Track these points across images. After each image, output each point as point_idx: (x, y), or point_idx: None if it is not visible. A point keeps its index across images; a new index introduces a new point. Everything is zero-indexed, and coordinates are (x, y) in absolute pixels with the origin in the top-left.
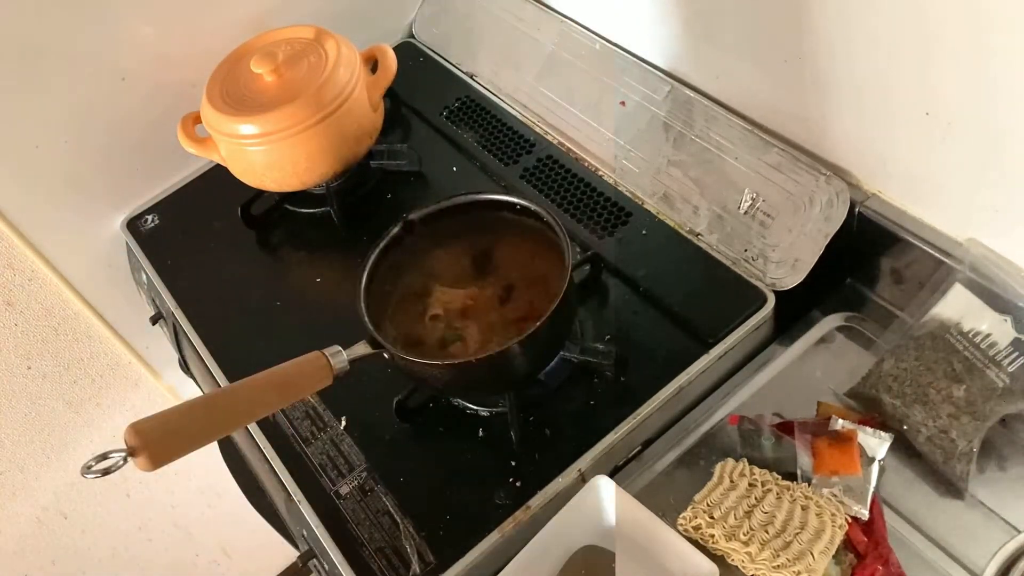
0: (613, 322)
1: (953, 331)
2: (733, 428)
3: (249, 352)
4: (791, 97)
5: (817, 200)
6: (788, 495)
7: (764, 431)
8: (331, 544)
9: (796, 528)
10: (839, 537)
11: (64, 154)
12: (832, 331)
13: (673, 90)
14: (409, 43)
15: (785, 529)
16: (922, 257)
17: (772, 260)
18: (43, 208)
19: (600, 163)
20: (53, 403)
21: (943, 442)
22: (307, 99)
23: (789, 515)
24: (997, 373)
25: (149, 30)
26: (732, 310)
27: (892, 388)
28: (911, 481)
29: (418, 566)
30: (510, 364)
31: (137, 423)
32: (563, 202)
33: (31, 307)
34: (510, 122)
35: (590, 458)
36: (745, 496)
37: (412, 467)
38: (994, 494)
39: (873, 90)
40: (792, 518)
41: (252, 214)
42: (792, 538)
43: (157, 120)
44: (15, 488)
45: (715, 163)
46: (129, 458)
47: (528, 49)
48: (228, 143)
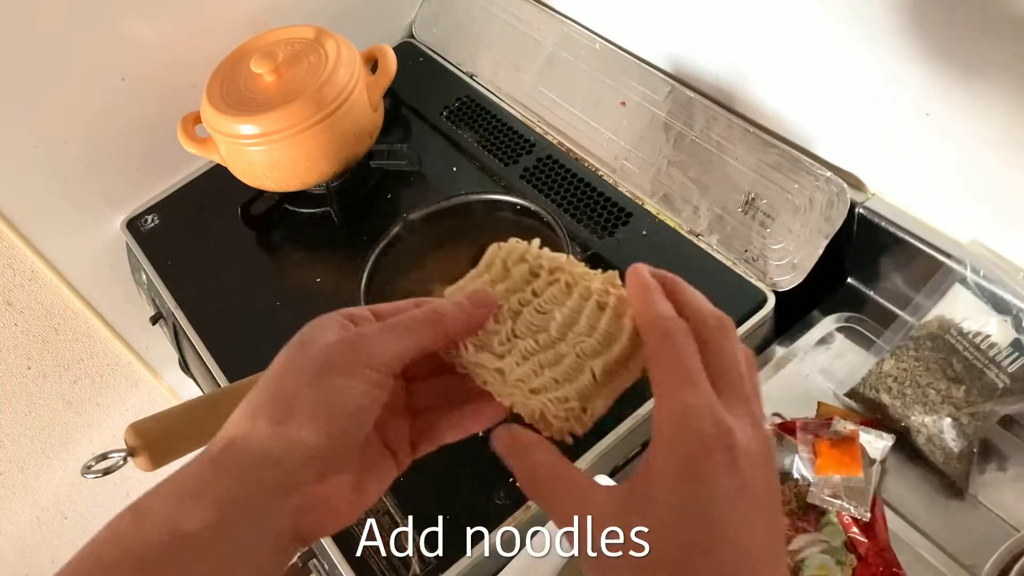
0: None
1: (953, 331)
2: None
3: (249, 352)
4: (791, 97)
5: (817, 200)
6: (582, 287)
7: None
8: (331, 544)
9: (581, 333)
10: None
11: (64, 154)
12: (832, 331)
13: (673, 90)
14: (409, 43)
15: (564, 336)
16: (922, 257)
17: (772, 260)
18: (43, 208)
19: (600, 163)
20: (53, 403)
21: (943, 442)
22: (307, 99)
23: (574, 315)
24: (997, 373)
25: (149, 30)
26: (732, 310)
27: (892, 388)
28: (911, 481)
29: (418, 566)
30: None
31: (137, 423)
32: (563, 202)
33: (31, 307)
34: (510, 122)
35: (590, 458)
36: (518, 289)
37: (412, 467)
38: (994, 494)
39: (873, 90)
40: (578, 319)
41: (252, 214)
42: (570, 348)
43: (157, 120)
44: (15, 488)
45: (715, 163)
46: (129, 458)
47: (528, 49)
48: (228, 143)
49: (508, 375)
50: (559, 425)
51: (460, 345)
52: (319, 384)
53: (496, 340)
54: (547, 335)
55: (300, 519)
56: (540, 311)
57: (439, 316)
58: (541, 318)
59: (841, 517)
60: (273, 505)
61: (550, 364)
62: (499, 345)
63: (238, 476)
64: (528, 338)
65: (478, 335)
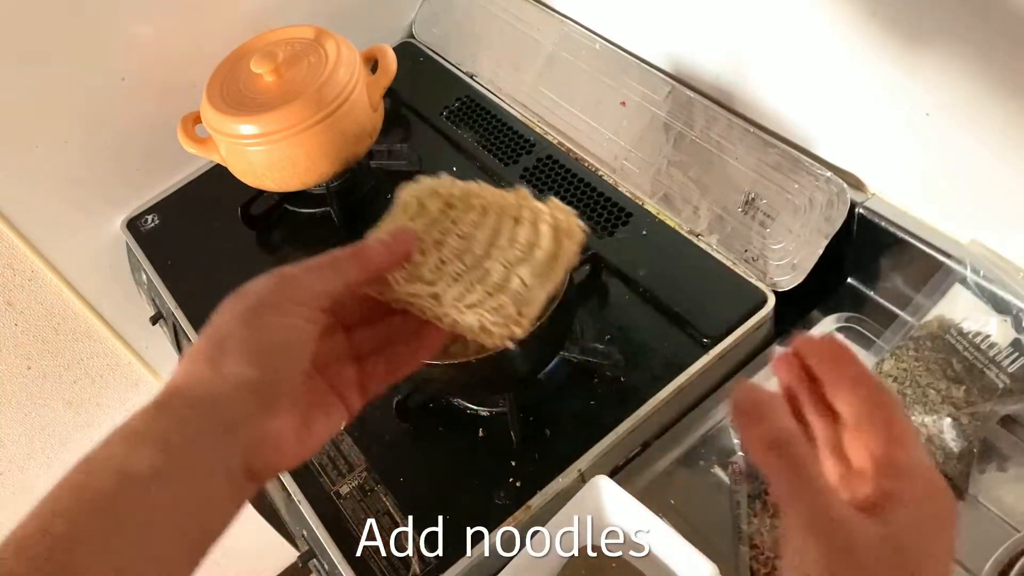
0: (613, 322)
1: (953, 331)
2: (735, 427)
3: None
4: (791, 97)
5: (817, 200)
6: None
7: None
8: (331, 544)
9: (503, 247)
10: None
11: (64, 154)
12: (832, 331)
13: (673, 90)
14: (409, 43)
15: (489, 254)
16: (922, 257)
17: (772, 260)
18: (43, 208)
19: (600, 163)
20: (53, 403)
21: (943, 442)
22: (307, 99)
23: (494, 234)
24: (997, 373)
25: (149, 30)
26: (732, 310)
27: (892, 388)
28: None
29: (418, 566)
30: (510, 364)
31: None
32: (563, 202)
33: (31, 307)
34: (510, 122)
35: (590, 458)
36: (437, 221)
37: (412, 467)
38: (994, 494)
39: (873, 90)
40: (498, 237)
41: (252, 214)
42: (495, 262)
43: (157, 120)
44: (15, 488)
45: (715, 163)
46: None
47: (528, 49)
48: (228, 143)
49: (443, 297)
50: (499, 331)
51: (391, 280)
52: (251, 324)
53: (426, 270)
54: (472, 255)
55: (250, 457)
56: (462, 236)
57: (361, 251)
58: (464, 242)
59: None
60: (220, 443)
61: (480, 280)
62: (429, 274)
63: (183, 417)
64: (455, 262)
65: (406, 268)
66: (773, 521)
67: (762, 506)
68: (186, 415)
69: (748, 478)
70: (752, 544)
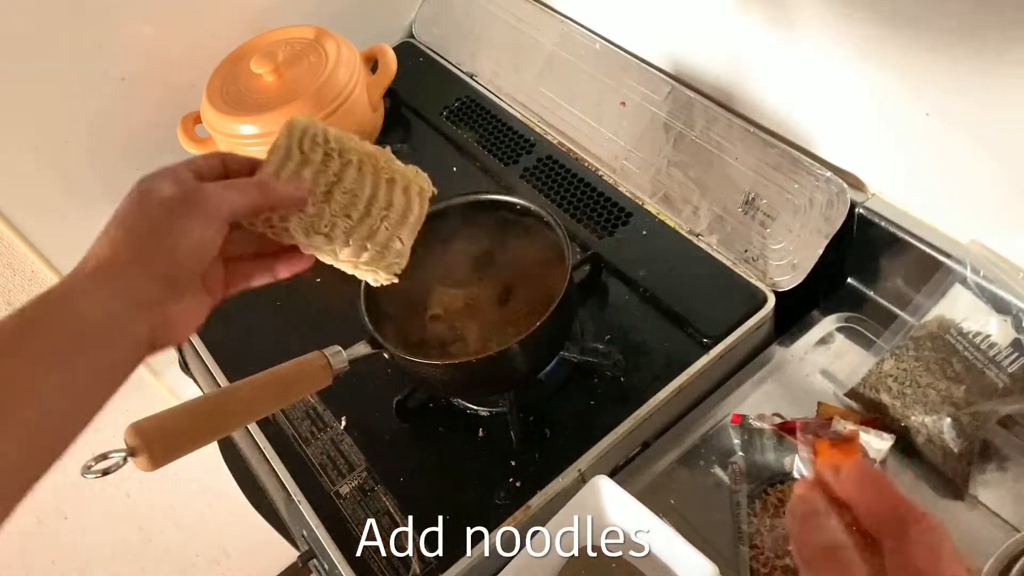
0: (613, 322)
1: (953, 331)
2: (735, 427)
3: (249, 352)
4: (791, 97)
5: (817, 200)
6: (371, 166)
7: (766, 430)
8: (331, 544)
9: (382, 208)
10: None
11: (64, 154)
12: (832, 331)
13: (673, 90)
14: (409, 43)
15: (370, 212)
16: (922, 257)
17: (772, 260)
18: (43, 208)
19: (600, 163)
20: None
21: (943, 442)
22: (307, 99)
23: (373, 192)
24: (997, 373)
25: (149, 30)
26: (732, 310)
27: (892, 388)
28: (911, 481)
29: (418, 566)
30: (510, 364)
31: (137, 423)
32: (563, 202)
33: None
34: (510, 122)
35: (590, 458)
36: (321, 171)
37: (412, 467)
38: (994, 494)
39: (873, 90)
40: (377, 196)
41: None
42: (379, 223)
43: (157, 120)
44: None
45: (715, 163)
46: (129, 458)
47: (528, 49)
48: (228, 143)
49: (339, 253)
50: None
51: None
52: (169, 226)
53: (322, 224)
54: (357, 211)
55: (154, 332)
56: (346, 192)
57: (266, 184)
58: (348, 198)
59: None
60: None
61: (368, 238)
62: (325, 227)
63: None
64: (343, 219)
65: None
66: (773, 521)
67: (762, 506)
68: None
69: (748, 478)
70: (752, 544)
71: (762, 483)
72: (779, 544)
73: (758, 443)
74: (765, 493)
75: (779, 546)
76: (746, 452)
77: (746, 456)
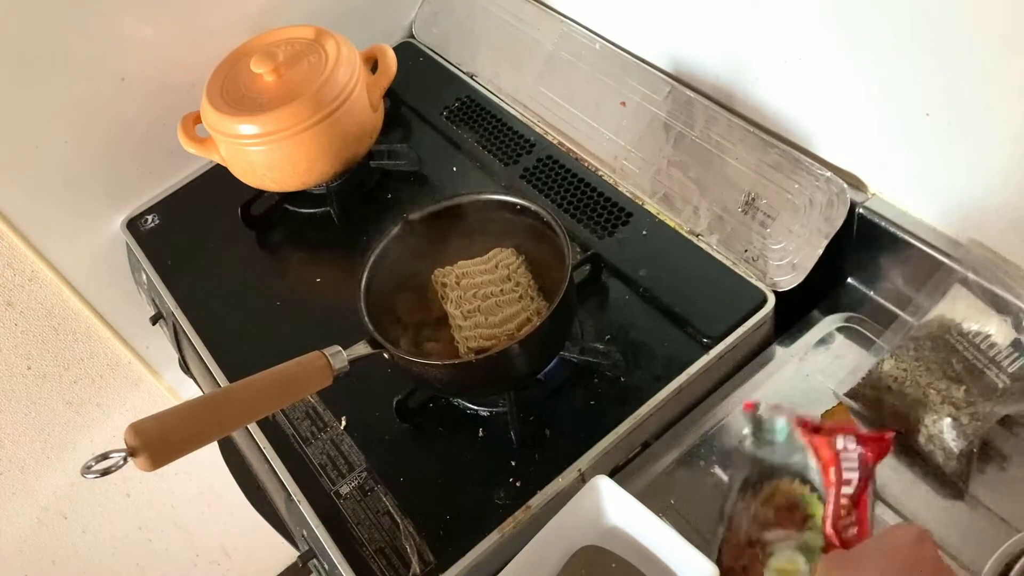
0: (613, 322)
1: (953, 331)
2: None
3: (249, 352)
4: (791, 97)
5: (817, 200)
6: (531, 304)
7: (778, 419)
8: (331, 544)
9: (507, 319)
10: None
11: (64, 154)
12: (832, 331)
13: (673, 90)
14: (409, 43)
15: (502, 325)
16: (922, 257)
17: (772, 260)
18: (43, 208)
19: (600, 163)
20: (53, 403)
21: (943, 442)
22: (307, 99)
23: (515, 315)
24: (997, 373)
25: (149, 30)
26: (732, 310)
27: (892, 388)
28: (911, 481)
29: (418, 566)
30: (510, 364)
31: (137, 423)
32: (563, 202)
33: (31, 307)
34: (510, 122)
35: (590, 458)
36: (496, 284)
37: (412, 467)
38: (994, 494)
39: (873, 90)
40: (516, 317)
41: (252, 214)
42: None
43: (157, 120)
44: (15, 488)
45: (715, 163)
46: (129, 458)
47: (528, 49)
48: (228, 143)
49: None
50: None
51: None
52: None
53: (466, 305)
54: (496, 318)
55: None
56: (497, 304)
57: None
58: (496, 309)
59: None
60: None
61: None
62: (466, 312)
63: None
64: (483, 315)
65: (459, 293)
66: (757, 509)
67: (752, 494)
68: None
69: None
70: (728, 527)
71: (760, 473)
72: (753, 530)
73: (770, 431)
74: (759, 483)
75: (752, 532)
76: (755, 439)
77: (752, 443)
